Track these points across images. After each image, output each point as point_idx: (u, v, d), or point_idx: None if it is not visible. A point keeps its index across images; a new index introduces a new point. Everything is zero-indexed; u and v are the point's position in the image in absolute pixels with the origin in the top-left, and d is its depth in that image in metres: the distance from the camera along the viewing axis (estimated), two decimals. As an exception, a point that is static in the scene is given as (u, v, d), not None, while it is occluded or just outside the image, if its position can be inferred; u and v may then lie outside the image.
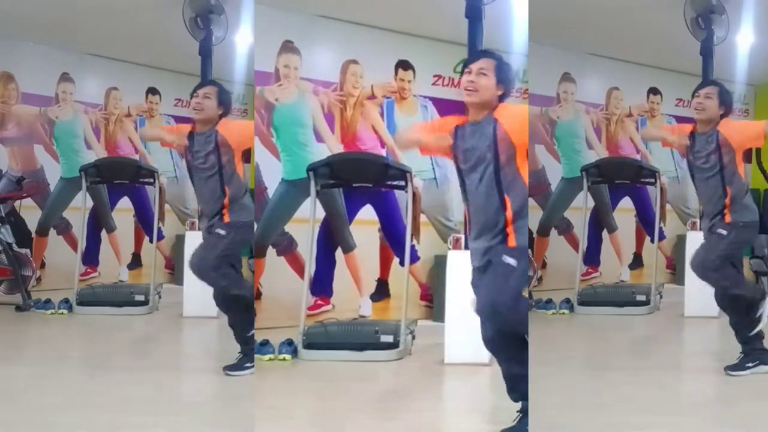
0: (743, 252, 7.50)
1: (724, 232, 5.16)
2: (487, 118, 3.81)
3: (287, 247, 6.32)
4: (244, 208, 5.13)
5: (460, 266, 5.53)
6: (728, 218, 5.16)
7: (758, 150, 8.24)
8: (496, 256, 3.81)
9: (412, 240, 5.72)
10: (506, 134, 3.76)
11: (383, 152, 6.39)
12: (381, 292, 6.45)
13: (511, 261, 3.80)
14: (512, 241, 3.80)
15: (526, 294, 4.03)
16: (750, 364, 5.25)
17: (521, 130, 3.84)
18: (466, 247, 5.61)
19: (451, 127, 3.92)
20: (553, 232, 7.98)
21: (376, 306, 6.39)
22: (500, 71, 3.83)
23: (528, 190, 3.92)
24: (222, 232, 5.08)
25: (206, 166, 5.05)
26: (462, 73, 3.89)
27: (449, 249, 5.65)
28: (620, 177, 7.85)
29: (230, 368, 5.18)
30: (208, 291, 7.24)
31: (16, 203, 8.08)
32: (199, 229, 5.49)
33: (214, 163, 5.02)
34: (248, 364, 5.17)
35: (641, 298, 7.47)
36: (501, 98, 3.84)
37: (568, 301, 7.44)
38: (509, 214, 3.80)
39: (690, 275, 7.17)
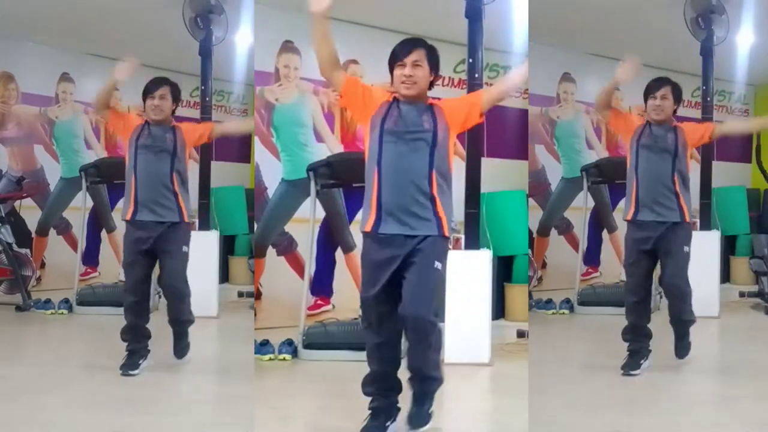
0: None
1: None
2: (423, 103, 3.95)
3: (287, 247, 6.32)
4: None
5: (459, 266, 5.54)
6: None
7: (758, 150, 8.25)
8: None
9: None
10: (445, 118, 3.93)
11: (383, 152, 6.38)
12: (381, 292, 6.45)
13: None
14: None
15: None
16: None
17: (458, 115, 3.99)
18: (467, 247, 5.64)
19: (378, 103, 4.02)
20: (553, 232, 7.99)
21: (377, 306, 6.38)
22: (431, 59, 3.96)
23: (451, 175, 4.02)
24: (186, 249, 5.43)
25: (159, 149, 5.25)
26: (394, 65, 4.00)
27: (449, 249, 5.64)
28: (620, 177, 7.82)
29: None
30: (209, 291, 7.29)
31: (16, 203, 8.08)
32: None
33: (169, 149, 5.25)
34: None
35: (641, 298, 7.46)
36: (431, 84, 3.99)
37: (568, 301, 7.44)
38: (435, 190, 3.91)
39: (690, 275, 7.20)
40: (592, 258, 7.94)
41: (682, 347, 5.49)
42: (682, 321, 5.44)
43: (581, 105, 8.09)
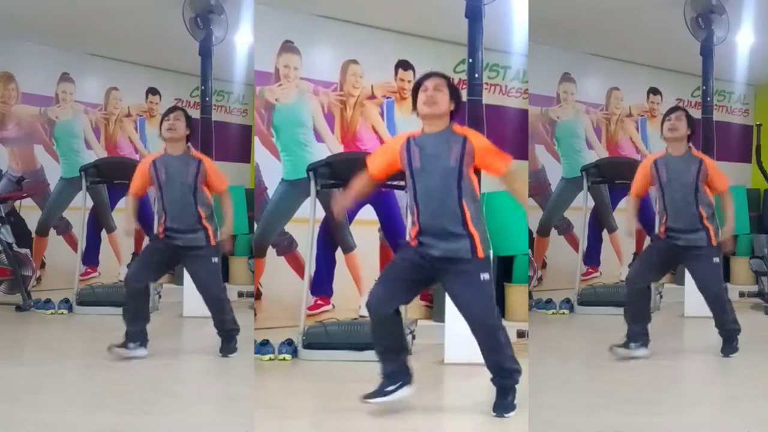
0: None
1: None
2: (448, 130, 4.26)
3: (287, 247, 6.32)
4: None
5: (460, 266, 5.54)
6: None
7: (758, 150, 8.25)
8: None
9: (412, 240, 5.71)
10: (473, 150, 4.23)
11: (383, 152, 6.38)
12: (381, 292, 6.44)
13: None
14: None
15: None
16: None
17: (485, 149, 4.30)
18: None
19: (402, 141, 4.33)
20: (553, 232, 7.99)
21: (376, 306, 6.38)
22: (452, 90, 4.30)
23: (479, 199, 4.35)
24: (216, 260, 5.78)
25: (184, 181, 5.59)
26: (417, 92, 4.30)
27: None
28: (620, 177, 7.85)
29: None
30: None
31: (16, 203, 8.08)
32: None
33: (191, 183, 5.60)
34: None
35: (641, 298, 7.46)
36: (452, 114, 4.31)
37: (568, 301, 7.44)
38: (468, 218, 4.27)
39: (689, 275, 7.20)
40: (592, 258, 7.94)
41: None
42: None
43: (581, 105, 8.10)
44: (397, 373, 4.40)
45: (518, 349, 5.84)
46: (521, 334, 6.11)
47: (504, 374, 4.33)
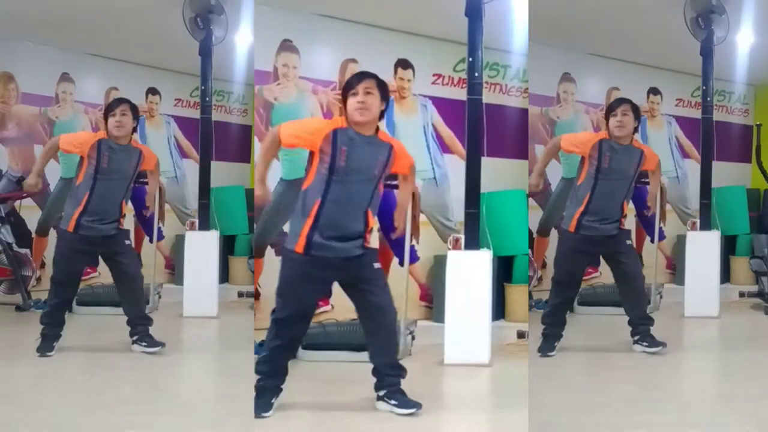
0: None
1: None
2: (375, 137, 4.25)
3: (287, 247, 6.31)
4: None
5: (459, 266, 5.54)
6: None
7: (758, 150, 8.24)
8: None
9: (411, 240, 5.72)
10: (393, 159, 4.30)
11: (383, 152, 6.38)
12: (381, 292, 6.44)
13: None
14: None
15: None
16: None
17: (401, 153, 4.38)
18: (467, 247, 5.64)
19: (328, 130, 4.22)
20: (553, 232, 7.97)
21: (376, 306, 6.37)
22: (382, 89, 4.24)
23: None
24: (128, 241, 5.90)
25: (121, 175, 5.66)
26: (346, 92, 4.23)
27: (449, 249, 5.65)
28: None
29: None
30: (209, 291, 7.28)
31: (16, 203, 8.07)
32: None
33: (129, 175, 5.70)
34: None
35: (641, 298, 7.45)
36: (381, 114, 4.28)
37: (568, 301, 7.43)
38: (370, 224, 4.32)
39: (690, 275, 7.21)
40: (592, 258, 7.92)
41: None
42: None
43: (581, 105, 8.09)
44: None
45: (518, 349, 5.88)
46: (521, 334, 6.12)
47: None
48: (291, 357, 4.55)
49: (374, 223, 4.41)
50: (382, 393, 4.40)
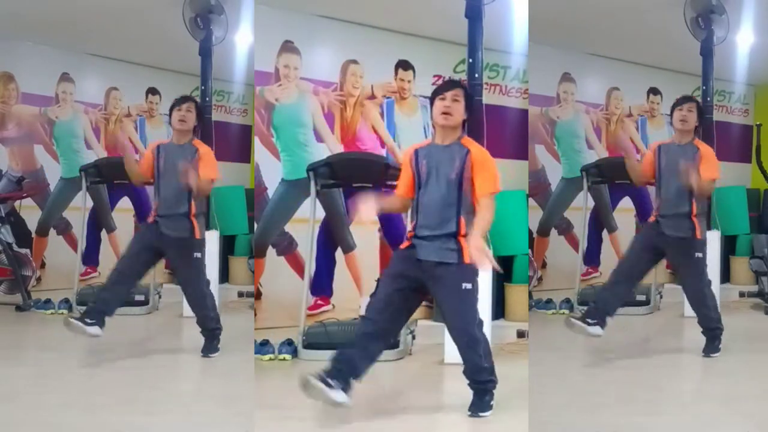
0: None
1: None
2: (457, 143, 4.32)
3: (287, 247, 6.32)
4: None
5: (460, 266, 5.53)
6: None
7: (758, 150, 8.25)
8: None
9: (412, 240, 5.71)
10: (472, 163, 4.29)
11: (383, 152, 6.39)
12: (381, 292, 6.44)
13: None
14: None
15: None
16: None
17: (481, 165, 4.33)
18: (466, 247, 5.63)
19: (410, 154, 4.41)
20: (553, 232, 7.98)
21: (376, 306, 6.38)
22: (468, 101, 4.37)
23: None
24: (198, 255, 5.73)
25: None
26: (433, 100, 4.35)
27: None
28: (620, 177, 7.83)
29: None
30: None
31: (16, 203, 8.08)
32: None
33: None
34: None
35: (641, 298, 7.47)
36: (463, 124, 4.37)
37: (568, 301, 7.44)
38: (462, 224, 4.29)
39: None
40: (592, 258, 7.94)
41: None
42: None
43: (581, 105, 8.09)
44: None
45: (518, 349, 5.88)
46: (521, 334, 6.12)
47: (477, 383, 4.40)
48: None
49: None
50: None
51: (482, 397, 4.38)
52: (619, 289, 5.77)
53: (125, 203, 8.19)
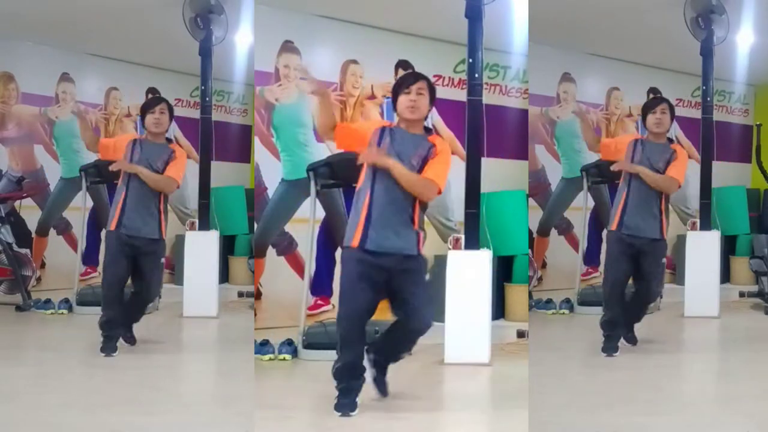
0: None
1: None
2: (423, 136, 4.35)
3: (287, 247, 6.32)
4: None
5: (459, 266, 5.55)
6: None
7: (758, 150, 8.25)
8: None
9: (411, 240, 5.71)
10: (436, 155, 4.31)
11: (383, 152, 6.38)
12: (381, 292, 6.44)
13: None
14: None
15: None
16: None
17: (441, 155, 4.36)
18: (467, 247, 5.64)
19: (373, 129, 4.40)
20: (553, 232, 7.98)
21: (376, 306, 6.38)
22: (431, 91, 4.38)
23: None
24: (162, 259, 5.95)
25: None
26: (397, 93, 4.36)
27: (449, 249, 5.65)
28: (620, 177, 7.84)
29: None
30: (209, 291, 7.28)
31: (16, 203, 8.08)
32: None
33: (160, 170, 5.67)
34: None
35: (641, 298, 7.46)
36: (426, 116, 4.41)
37: (568, 301, 7.44)
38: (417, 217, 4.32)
39: (690, 275, 7.21)
40: (592, 258, 7.93)
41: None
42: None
43: (581, 105, 8.09)
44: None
45: (518, 349, 5.88)
46: (521, 334, 6.12)
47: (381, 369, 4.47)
48: None
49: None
50: None
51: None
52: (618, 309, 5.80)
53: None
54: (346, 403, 4.28)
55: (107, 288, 5.78)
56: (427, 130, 4.46)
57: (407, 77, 4.46)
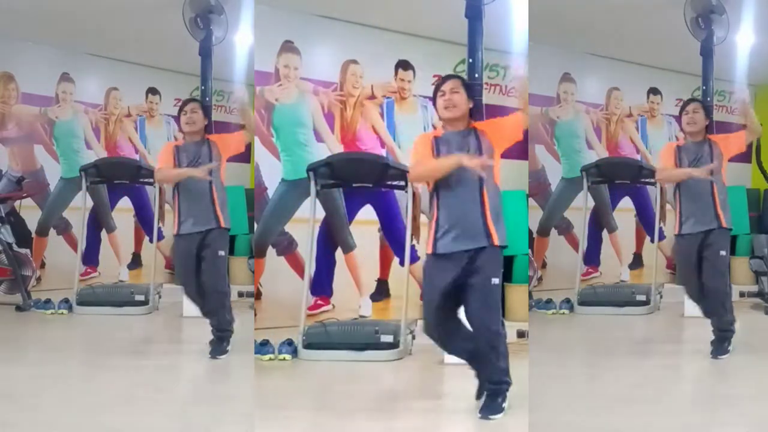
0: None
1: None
2: (468, 129, 4.35)
3: (287, 247, 6.32)
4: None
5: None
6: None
7: (758, 150, 8.24)
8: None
9: (412, 240, 5.72)
10: (486, 137, 4.33)
11: (383, 152, 6.38)
12: (381, 292, 6.45)
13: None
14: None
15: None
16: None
17: (501, 135, 4.42)
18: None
19: (430, 143, 4.37)
20: (553, 232, 7.98)
21: (376, 306, 6.38)
22: (468, 89, 4.41)
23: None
24: (222, 253, 5.80)
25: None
26: (435, 96, 4.41)
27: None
28: (620, 177, 7.86)
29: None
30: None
31: (16, 203, 8.07)
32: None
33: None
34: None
35: (641, 298, 7.47)
36: (471, 112, 4.41)
37: (568, 301, 7.44)
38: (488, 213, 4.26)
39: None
40: (592, 258, 7.93)
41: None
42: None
43: (581, 105, 8.09)
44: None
45: (518, 349, 5.87)
46: (521, 334, 6.11)
47: (492, 383, 4.33)
48: None
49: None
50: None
51: (495, 399, 4.32)
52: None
53: (125, 203, 8.18)
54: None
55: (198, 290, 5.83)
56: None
57: (440, 81, 4.49)
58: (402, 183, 5.75)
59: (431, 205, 4.38)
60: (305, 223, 5.81)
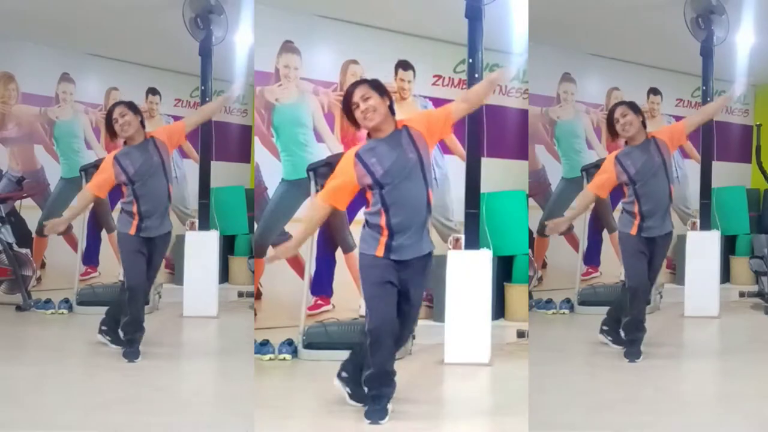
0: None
1: None
2: (396, 131, 4.19)
3: (287, 247, 6.31)
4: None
5: (459, 266, 5.55)
6: None
7: (758, 150, 8.25)
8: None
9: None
10: (417, 132, 4.19)
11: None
12: (381, 292, 6.44)
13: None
14: None
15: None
16: None
17: (424, 119, 4.31)
18: (467, 247, 5.64)
19: (351, 161, 4.21)
20: (553, 231, 7.97)
21: (376, 306, 6.38)
22: (377, 88, 4.20)
23: None
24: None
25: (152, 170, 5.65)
26: (349, 110, 4.20)
27: (449, 249, 5.65)
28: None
29: None
30: (209, 291, 7.28)
31: (16, 203, 8.08)
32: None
33: (158, 164, 5.66)
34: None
35: (641, 298, 7.46)
36: (391, 107, 4.22)
37: (568, 301, 7.44)
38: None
39: (690, 275, 7.21)
40: (592, 258, 7.93)
41: None
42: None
43: (581, 105, 8.09)
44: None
45: (518, 349, 5.88)
46: (521, 334, 6.12)
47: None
48: None
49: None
50: None
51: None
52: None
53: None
54: (377, 409, 4.23)
55: None
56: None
57: (346, 92, 4.25)
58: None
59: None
60: (305, 223, 5.80)
